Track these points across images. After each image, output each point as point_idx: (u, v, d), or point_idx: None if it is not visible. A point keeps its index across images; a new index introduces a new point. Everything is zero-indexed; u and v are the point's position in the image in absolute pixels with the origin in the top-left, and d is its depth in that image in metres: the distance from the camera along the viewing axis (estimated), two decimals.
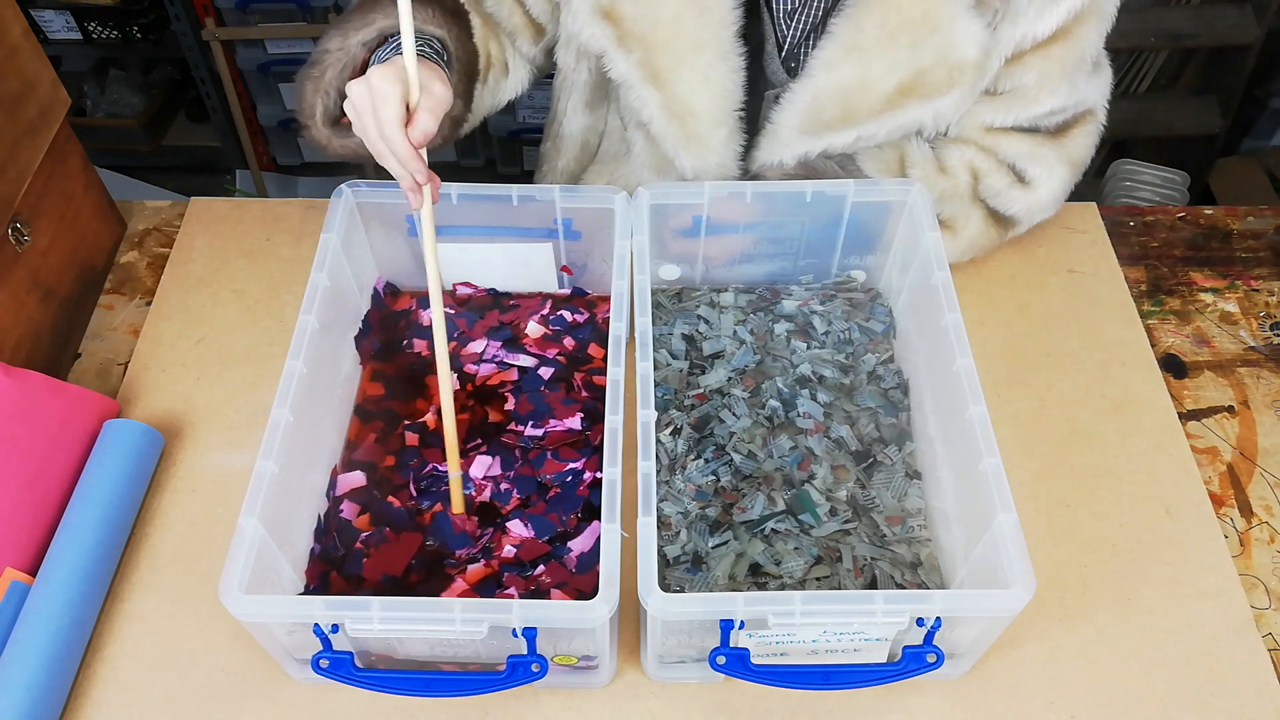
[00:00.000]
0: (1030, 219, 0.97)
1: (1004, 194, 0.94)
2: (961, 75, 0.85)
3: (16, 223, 0.90)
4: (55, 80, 0.95)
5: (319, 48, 0.80)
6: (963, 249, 0.97)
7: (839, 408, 0.87)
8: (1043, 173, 0.93)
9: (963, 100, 0.88)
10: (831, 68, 0.86)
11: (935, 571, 0.79)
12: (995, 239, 0.98)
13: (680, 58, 0.86)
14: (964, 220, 0.96)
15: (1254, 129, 2.18)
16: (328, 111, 0.81)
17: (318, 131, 0.83)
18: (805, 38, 0.88)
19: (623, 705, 0.74)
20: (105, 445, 0.84)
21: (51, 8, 2.12)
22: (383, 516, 0.81)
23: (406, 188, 0.72)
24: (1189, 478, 0.87)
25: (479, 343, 0.93)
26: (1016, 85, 0.89)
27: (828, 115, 0.88)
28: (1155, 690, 0.75)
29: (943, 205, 0.95)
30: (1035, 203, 0.95)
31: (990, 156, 0.94)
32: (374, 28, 0.78)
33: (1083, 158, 0.95)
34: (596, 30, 0.87)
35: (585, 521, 0.81)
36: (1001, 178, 0.94)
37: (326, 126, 0.82)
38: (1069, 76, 0.89)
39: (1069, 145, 0.94)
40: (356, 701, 0.74)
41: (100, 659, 0.77)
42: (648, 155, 0.97)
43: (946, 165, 0.94)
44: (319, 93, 0.80)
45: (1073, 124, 0.93)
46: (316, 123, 0.82)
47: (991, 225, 0.96)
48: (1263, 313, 1.01)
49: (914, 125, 0.89)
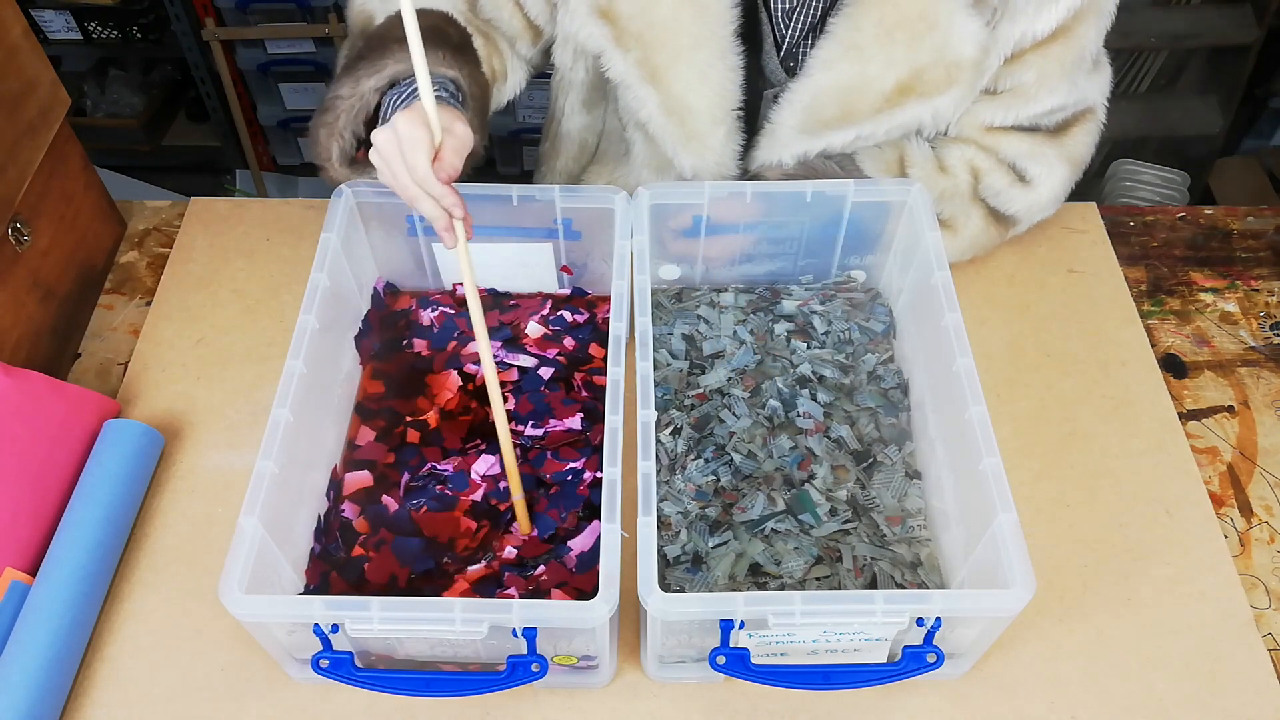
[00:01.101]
0: (1030, 218, 0.97)
1: (1004, 193, 0.94)
2: (960, 73, 0.85)
3: (16, 223, 0.90)
4: (55, 80, 0.95)
5: (330, 94, 0.81)
6: (963, 248, 0.97)
7: (839, 408, 0.87)
8: (1043, 171, 0.93)
9: (962, 99, 0.88)
10: (830, 67, 0.86)
11: (935, 571, 0.79)
12: (996, 238, 0.98)
13: (678, 55, 0.86)
14: (964, 219, 0.96)
15: (1254, 129, 2.18)
16: (343, 153, 0.83)
17: (336, 173, 0.84)
18: (804, 37, 0.88)
19: (623, 705, 0.74)
20: (105, 445, 0.84)
21: (51, 8, 2.12)
22: (383, 518, 0.81)
23: (442, 229, 0.72)
24: (1189, 478, 0.87)
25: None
26: (1016, 84, 0.89)
27: (827, 115, 0.88)
28: (1155, 690, 0.75)
29: (943, 205, 0.95)
30: (1035, 202, 0.95)
31: (990, 155, 0.94)
32: (385, 74, 0.79)
33: (1083, 156, 0.96)
34: (595, 30, 0.87)
35: (585, 521, 0.81)
36: (1001, 177, 0.94)
37: (344, 167, 0.84)
38: (1068, 75, 0.89)
39: (1069, 144, 0.94)
40: (356, 701, 0.74)
41: (100, 659, 0.77)
42: (647, 155, 0.97)
43: (946, 164, 0.94)
44: (333, 137, 0.81)
45: (1073, 122, 0.93)
46: (333, 164, 0.83)
47: (992, 224, 0.96)
48: (1263, 313, 1.01)
49: (913, 124, 0.89)
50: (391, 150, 0.70)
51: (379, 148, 0.71)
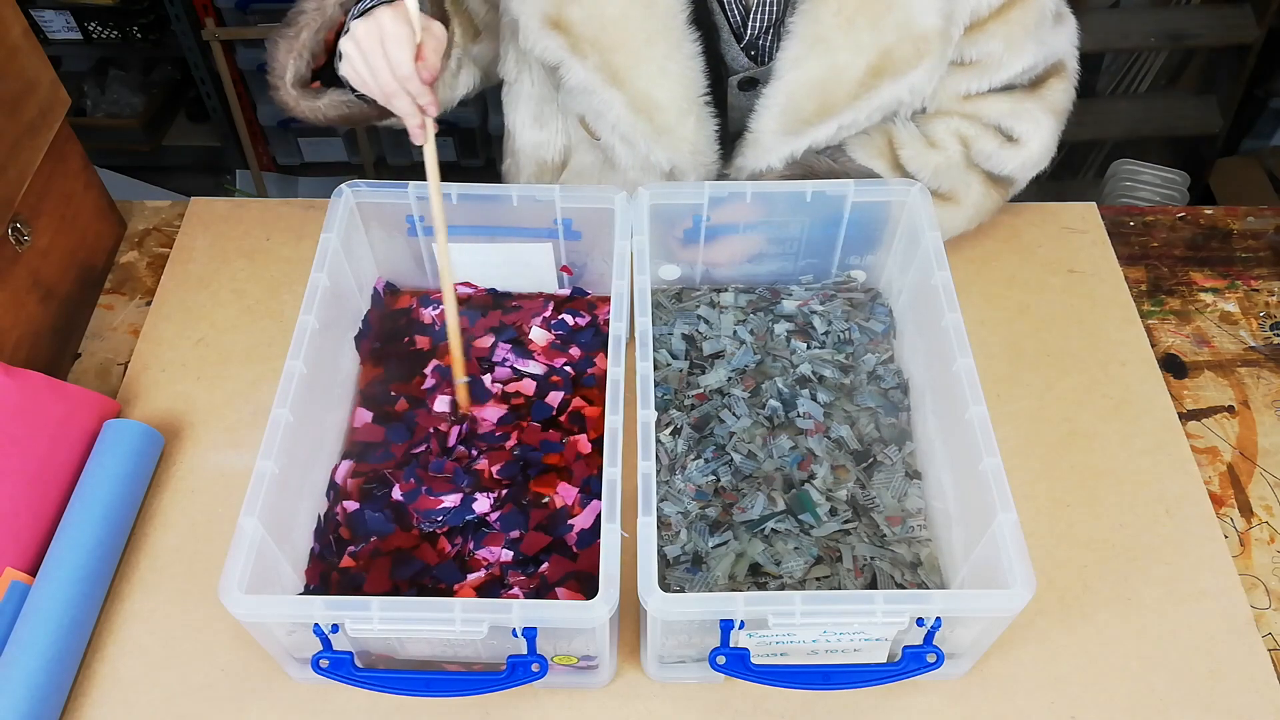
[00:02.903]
0: (1025, 174, 0.98)
1: (996, 155, 0.94)
2: (928, 45, 0.86)
3: (16, 223, 0.90)
4: (55, 80, 0.95)
5: (295, 8, 0.81)
6: (969, 217, 0.98)
7: (839, 408, 0.87)
8: (1030, 128, 0.94)
9: (933, 70, 0.88)
10: (798, 64, 0.86)
11: (935, 571, 0.79)
12: (998, 200, 0.98)
13: (635, 54, 0.86)
14: (964, 188, 0.96)
15: (1254, 129, 2.18)
16: (298, 73, 0.82)
17: (286, 93, 0.83)
18: (765, 31, 0.89)
19: (623, 705, 0.74)
20: (105, 445, 0.84)
21: (51, 8, 2.12)
22: (379, 522, 0.81)
23: (415, 125, 0.76)
24: (1189, 478, 0.87)
25: (486, 338, 0.93)
26: (984, 54, 0.90)
27: (805, 112, 0.88)
28: (1155, 690, 0.75)
29: (939, 179, 0.95)
30: (1028, 158, 0.96)
31: (974, 122, 0.94)
32: None
33: (1064, 105, 0.96)
34: (549, 42, 0.87)
35: (586, 496, 0.81)
36: (990, 140, 0.94)
37: (296, 88, 0.83)
38: (1033, 35, 0.89)
39: (1049, 96, 0.94)
40: (356, 701, 0.74)
41: (100, 659, 0.77)
42: (631, 160, 0.96)
43: (935, 139, 0.94)
44: (292, 53, 0.81)
45: (1046, 76, 0.94)
46: (286, 83, 0.82)
47: (991, 188, 0.97)
48: (1263, 313, 1.01)
49: (892, 105, 0.90)
50: (373, 42, 0.72)
51: (359, 39, 0.73)
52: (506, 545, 0.79)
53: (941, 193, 0.95)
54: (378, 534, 0.80)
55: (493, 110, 2.23)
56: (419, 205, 0.88)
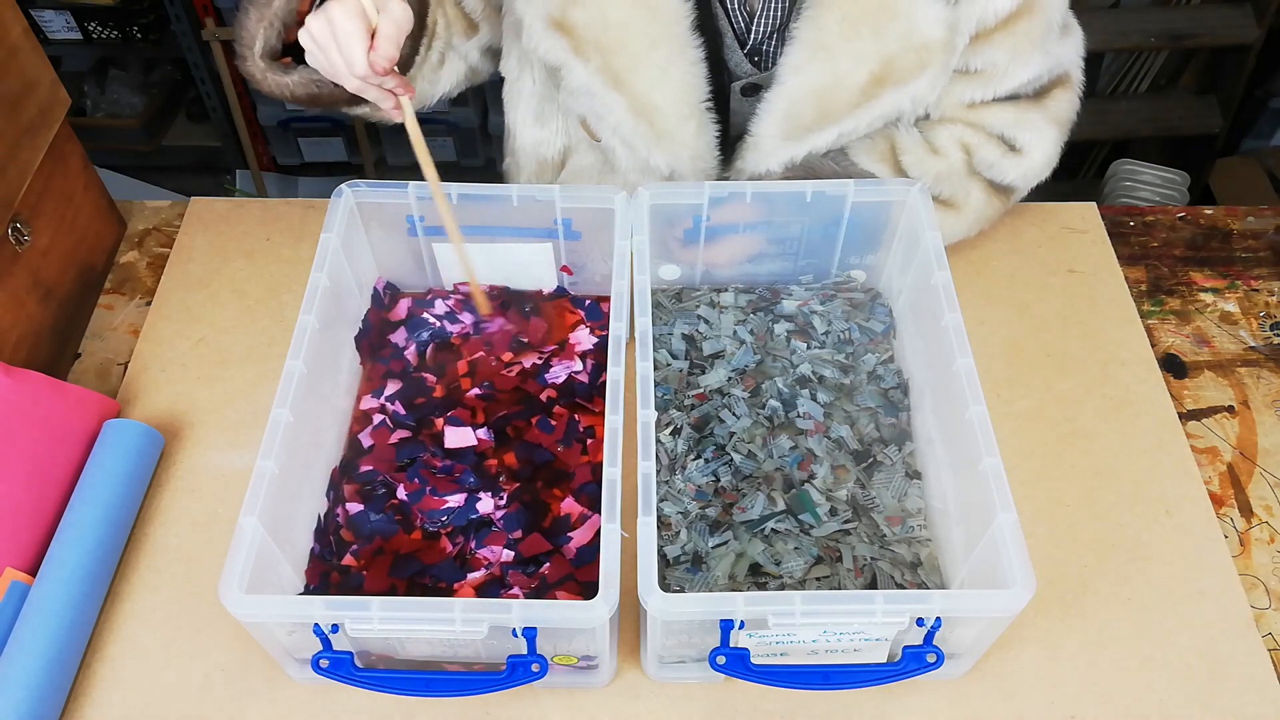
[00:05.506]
0: (1027, 184, 0.98)
1: (998, 164, 0.94)
2: (931, 56, 0.86)
3: (16, 223, 0.90)
4: (55, 80, 0.95)
5: None
6: (969, 224, 0.98)
7: (839, 408, 0.87)
8: (1033, 138, 0.94)
9: (936, 80, 0.88)
10: (800, 71, 0.86)
11: (935, 571, 0.79)
12: (999, 208, 0.98)
13: (637, 57, 0.86)
14: (964, 196, 0.96)
15: (1254, 129, 2.18)
16: (268, 44, 0.80)
17: (253, 64, 0.81)
18: (769, 36, 0.89)
19: (623, 705, 0.74)
20: (105, 445, 0.84)
21: (51, 8, 2.12)
22: (383, 523, 0.81)
23: (389, 108, 0.77)
24: (1189, 478, 0.87)
25: (493, 324, 0.94)
26: (990, 63, 0.90)
27: (806, 119, 0.88)
28: (1155, 690, 0.75)
29: (940, 186, 0.95)
30: (1030, 168, 0.96)
31: (978, 131, 0.94)
32: None
33: (1068, 116, 0.96)
34: (552, 44, 0.87)
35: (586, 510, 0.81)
36: (993, 149, 0.94)
37: (264, 60, 0.81)
38: (1039, 46, 0.89)
39: (1053, 106, 0.94)
40: (356, 701, 0.74)
41: (100, 659, 0.77)
42: (630, 162, 0.96)
43: (937, 146, 0.94)
44: (263, 23, 0.79)
45: (1051, 87, 0.94)
46: (254, 55, 0.80)
47: (993, 195, 0.97)
48: (1263, 313, 1.01)
49: (893, 113, 0.89)
50: (326, 39, 0.72)
51: (313, 34, 0.72)
52: (507, 545, 0.79)
53: (942, 199, 0.95)
54: (381, 535, 0.80)
55: (493, 110, 2.23)
56: (419, 205, 0.88)
